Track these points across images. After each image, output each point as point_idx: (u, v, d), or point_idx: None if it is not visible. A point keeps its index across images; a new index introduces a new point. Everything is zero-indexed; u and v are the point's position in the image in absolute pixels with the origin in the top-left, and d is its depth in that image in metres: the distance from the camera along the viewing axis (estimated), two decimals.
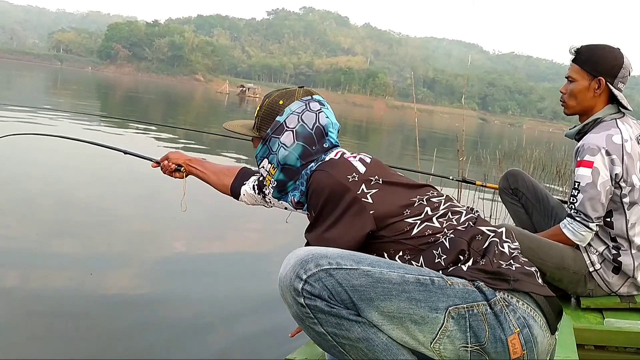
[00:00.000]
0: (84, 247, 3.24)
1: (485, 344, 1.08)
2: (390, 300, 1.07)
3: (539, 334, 1.11)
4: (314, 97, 1.49)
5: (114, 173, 5.30)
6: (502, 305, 1.10)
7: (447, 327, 1.07)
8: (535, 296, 1.14)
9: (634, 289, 2.07)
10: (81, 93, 25.14)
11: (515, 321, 1.09)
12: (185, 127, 11.79)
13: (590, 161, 1.98)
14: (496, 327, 1.08)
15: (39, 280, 2.69)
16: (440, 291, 1.09)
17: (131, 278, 2.88)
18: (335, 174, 1.30)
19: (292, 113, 1.44)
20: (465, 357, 1.08)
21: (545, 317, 1.14)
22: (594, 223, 1.99)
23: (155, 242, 3.54)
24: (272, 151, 1.46)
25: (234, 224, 4.13)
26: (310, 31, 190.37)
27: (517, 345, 1.08)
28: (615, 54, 2.05)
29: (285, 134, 1.43)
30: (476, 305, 1.09)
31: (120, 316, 2.40)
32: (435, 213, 1.28)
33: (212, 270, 3.16)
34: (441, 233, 1.24)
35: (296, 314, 1.10)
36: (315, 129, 1.44)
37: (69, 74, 58.95)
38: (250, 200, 1.67)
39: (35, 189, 4.40)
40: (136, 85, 49.62)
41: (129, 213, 4.14)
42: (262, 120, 1.49)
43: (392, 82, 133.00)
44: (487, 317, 1.08)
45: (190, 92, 50.54)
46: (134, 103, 23.65)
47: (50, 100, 17.54)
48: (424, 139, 18.86)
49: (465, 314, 1.08)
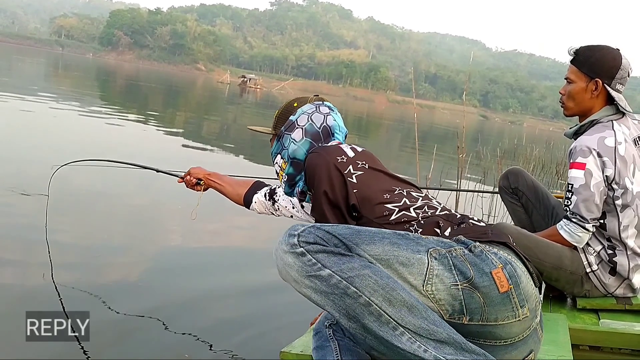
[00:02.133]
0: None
1: (473, 279, 1.11)
2: (375, 244, 1.14)
3: (522, 275, 1.15)
4: (324, 102, 1.69)
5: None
6: (481, 248, 1.16)
7: (433, 266, 1.13)
8: (511, 246, 1.20)
9: (630, 290, 2.08)
10: (82, 81, 25.07)
11: (497, 259, 1.15)
12: None
13: (582, 163, 1.99)
14: (479, 263, 1.13)
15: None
16: (416, 239, 1.18)
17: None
18: (325, 154, 1.45)
19: (303, 113, 1.63)
20: (458, 296, 1.12)
21: (526, 267, 1.19)
22: (590, 224, 2.00)
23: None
24: (284, 147, 1.63)
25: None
26: (313, 23, 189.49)
27: (503, 279, 1.12)
28: (614, 55, 2.04)
29: (296, 131, 1.61)
30: (454, 249, 1.16)
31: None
32: (412, 204, 1.39)
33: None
34: (416, 221, 1.34)
35: (300, 269, 1.13)
36: (322, 129, 1.61)
37: (70, 60, 58.73)
38: (260, 207, 1.80)
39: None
40: (137, 73, 49.46)
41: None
42: (278, 120, 1.68)
43: (394, 76, 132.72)
44: (466, 257, 1.14)
45: (191, 82, 50.38)
46: (135, 91, 23.59)
47: (52, 86, 17.50)
48: (424, 134, 18.86)
49: (446, 254, 1.14)
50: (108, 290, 2.53)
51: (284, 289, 1.49)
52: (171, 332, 2.23)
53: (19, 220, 3.39)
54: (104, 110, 11.51)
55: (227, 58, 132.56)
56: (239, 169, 6.34)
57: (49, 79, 23.06)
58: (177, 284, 2.76)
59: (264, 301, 2.63)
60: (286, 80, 74.36)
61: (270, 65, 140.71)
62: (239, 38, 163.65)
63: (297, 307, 2.32)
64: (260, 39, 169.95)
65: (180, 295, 2.62)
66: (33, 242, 2.97)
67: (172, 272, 2.94)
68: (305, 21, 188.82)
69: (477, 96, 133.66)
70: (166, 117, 13.05)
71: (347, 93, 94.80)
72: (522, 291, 1.14)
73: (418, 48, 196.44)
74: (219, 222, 3.91)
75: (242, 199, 1.84)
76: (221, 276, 3.01)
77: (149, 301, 2.47)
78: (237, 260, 3.35)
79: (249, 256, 3.44)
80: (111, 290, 2.56)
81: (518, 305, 1.13)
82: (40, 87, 15.58)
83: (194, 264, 3.13)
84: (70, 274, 2.70)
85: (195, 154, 7.34)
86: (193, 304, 2.54)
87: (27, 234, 3.13)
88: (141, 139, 8.24)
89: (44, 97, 11.91)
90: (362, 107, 47.67)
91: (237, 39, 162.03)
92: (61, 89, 17.03)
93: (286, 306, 2.53)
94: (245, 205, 1.84)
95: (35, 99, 10.96)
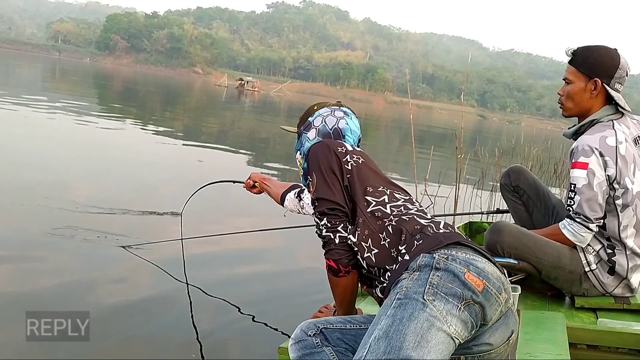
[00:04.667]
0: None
1: (462, 295, 1.19)
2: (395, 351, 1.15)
3: (486, 267, 1.24)
4: (341, 107, 1.85)
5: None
6: (442, 260, 1.23)
7: (438, 308, 1.17)
8: (465, 242, 1.29)
9: (628, 290, 2.08)
10: (80, 85, 25.05)
11: (459, 264, 1.22)
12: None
13: (585, 163, 1.98)
14: (452, 278, 1.20)
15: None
16: (408, 301, 1.19)
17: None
18: (327, 142, 1.64)
19: (319, 115, 1.80)
20: (465, 316, 1.18)
21: (484, 257, 1.27)
22: (593, 224, 2.00)
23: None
24: (302, 144, 1.80)
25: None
26: (310, 25, 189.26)
27: (474, 279, 1.20)
28: (612, 55, 2.04)
29: (311, 131, 1.78)
30: (432, 276, 1.21)
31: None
32: (390, 202, 1.50)
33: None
34: (388, 218, 1.44)
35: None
36: (334, 130, 1.76)
37: (67, 65, 58.70)
38: (290, 205, 1.95)
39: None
40: (134, 77, 49.41)
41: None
42: (300, 120, 1.86)
43: (392, 77, 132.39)
44: (442, 278, 1.20)
45: (188, 85, 50.38)
46: (133, 95, 23.58)
47: (50, 90, 17.49)
48: (422, 135, 18.84)
49: (436, 289, 1.19)
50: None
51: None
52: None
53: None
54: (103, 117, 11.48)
55: (224, 61, 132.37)
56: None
57: (49, 83, 23.04)
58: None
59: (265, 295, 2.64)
60: (284, 83, 74.31)
61: (267, 67, 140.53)
62: (236, 41, 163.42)
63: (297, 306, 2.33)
64: (257, 42, 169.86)
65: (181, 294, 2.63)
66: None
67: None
68: (302, 23, 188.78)
69: (474, 96, 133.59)
70: (163, 121, 13.04)
71: (345, 95, 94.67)
72: (493, 280, 1.23)
73: (415, 49, 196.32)
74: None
75: (279, 197, 1.99)
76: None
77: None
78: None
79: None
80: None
81: (497, 293, 1.23)
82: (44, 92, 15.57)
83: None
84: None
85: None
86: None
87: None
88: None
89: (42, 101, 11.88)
90: (360, 109, 47.62)
91: (234, 41, 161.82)
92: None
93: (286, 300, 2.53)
94: (280, 203, 1.99)
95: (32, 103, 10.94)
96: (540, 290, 2.24)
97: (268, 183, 2.11)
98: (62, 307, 2.28)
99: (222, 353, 2.19)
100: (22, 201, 3.85)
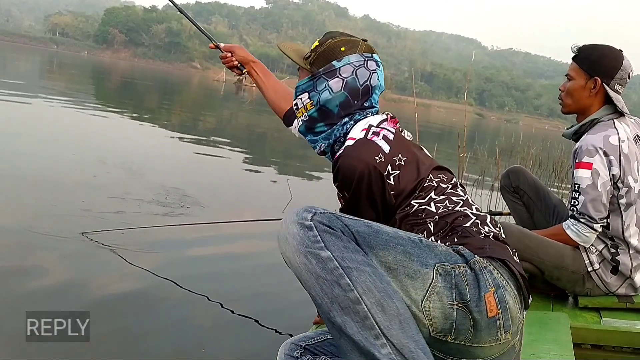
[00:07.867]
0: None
1: (469, 302, 1.10)
2: (388, 251, 1.08)
3: (510, 300, 1.14)
4: (373, 55, 1.54)
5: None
6: (480, 265, 1.14)
7: (436, 283, 1.09)
8: (509, 264, 1.18)
9: (631, 289, 2.09)
10: (78, 78, 24.97)
11: (492, 281, 1.13)
12: None
13: (589, 162, 1.98)
14: (475, 286, 1.11)
15: None
16: (428, 249, 1.12)
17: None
18: (364, 157, 1.32)
19: (349, 63, 1.48)
20: (452, 316, 1.10)
21: (517, 290, 1.17)
22: (598, 224, 2.00)
23: None
24: (317, 90, 1.51)
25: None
26: (309, 21, 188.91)
27: (493, 303, 1.11)
28: (615, 56, 2.05)
29: (335, 80, 1.48)
30: (457, 266, 1.12)
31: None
32: (436, 198, 1.34)
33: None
34: (431, 218, 1.31)
35: (301, 241, 1.04)
36: (364, 87, 1.50)
37: (65, 58, 58.43)
38: (294, 132, 1.75)
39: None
40: (132, 71, 49.24)
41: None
42: (318, 57, 1.52)
43: (390, 75, 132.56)
44: (467, 277, 1.11)
45: (187, 80, 50.18)
46: (131, 89, 23.51)
47: (50, 85, 17.44)
48: (420, 133, 18.81)
49: (451, 272, 1.11)
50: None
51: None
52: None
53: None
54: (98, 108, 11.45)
55: None
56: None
57: (47, 75, 22.96)
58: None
59: (267, 296, 2.63)
60: (282, 79, 73.67)
61: (266, 63, 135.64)
62: (234, 36, 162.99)
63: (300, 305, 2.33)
64: (256, 37, 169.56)
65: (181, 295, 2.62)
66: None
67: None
68: (301, 19, 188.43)
69: (472, 94, 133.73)
70: (161, 113, 13.02)
71: None
72: (508, 316, 1.13)
73: (414, 46, 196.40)
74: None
75: (282, 114, 1.83)
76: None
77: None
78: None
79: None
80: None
81: (502, 330, 1.13)
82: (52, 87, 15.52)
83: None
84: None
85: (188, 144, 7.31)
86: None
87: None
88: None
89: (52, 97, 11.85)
90: None
91: (233, 37, 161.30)
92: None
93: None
94: (284, 122, 1.83)
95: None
96: (543, 290, 2.24)
97: (262, 75, 1.92)
98: (62, 307, 2.27)
99: (222, 354, 2.18)
100: (23, 200, 3.82)
